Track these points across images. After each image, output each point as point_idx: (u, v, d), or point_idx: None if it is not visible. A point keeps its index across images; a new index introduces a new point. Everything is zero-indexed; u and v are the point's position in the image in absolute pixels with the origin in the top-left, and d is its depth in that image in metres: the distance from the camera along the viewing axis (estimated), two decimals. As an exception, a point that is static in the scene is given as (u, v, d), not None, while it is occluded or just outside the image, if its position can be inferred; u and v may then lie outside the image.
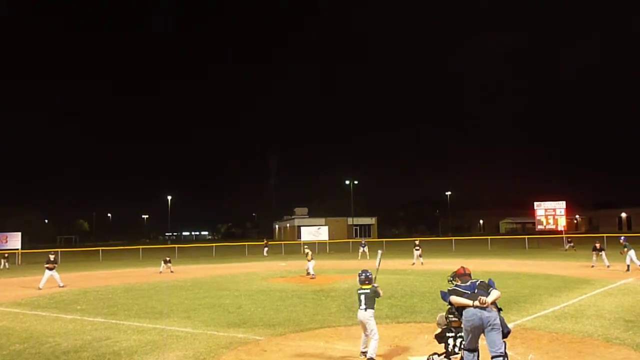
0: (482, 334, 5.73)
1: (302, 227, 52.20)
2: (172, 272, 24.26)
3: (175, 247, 45.11)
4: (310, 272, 20.09)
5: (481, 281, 6.01)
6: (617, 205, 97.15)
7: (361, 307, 7.39)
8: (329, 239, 49.19)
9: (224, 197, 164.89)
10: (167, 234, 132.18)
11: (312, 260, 20.50)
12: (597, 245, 22.38)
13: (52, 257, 19.02)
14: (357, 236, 78.08)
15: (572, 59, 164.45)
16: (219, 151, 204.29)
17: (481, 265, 23.70)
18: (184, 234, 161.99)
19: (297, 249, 42.91)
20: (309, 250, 21.61)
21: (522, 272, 20.70)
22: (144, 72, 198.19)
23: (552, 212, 43.80)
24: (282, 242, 53.16)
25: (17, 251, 37.39)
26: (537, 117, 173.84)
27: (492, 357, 5.61)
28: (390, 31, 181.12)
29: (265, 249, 40.66)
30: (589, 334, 8.94)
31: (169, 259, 25.33)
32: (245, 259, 37.13)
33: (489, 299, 5.71)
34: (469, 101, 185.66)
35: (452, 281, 6.36)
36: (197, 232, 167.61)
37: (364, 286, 7.52)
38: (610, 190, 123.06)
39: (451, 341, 6.32)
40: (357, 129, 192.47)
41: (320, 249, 42.95)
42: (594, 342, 8.33)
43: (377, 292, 7.49)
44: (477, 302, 5.68)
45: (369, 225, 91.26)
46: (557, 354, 7.63)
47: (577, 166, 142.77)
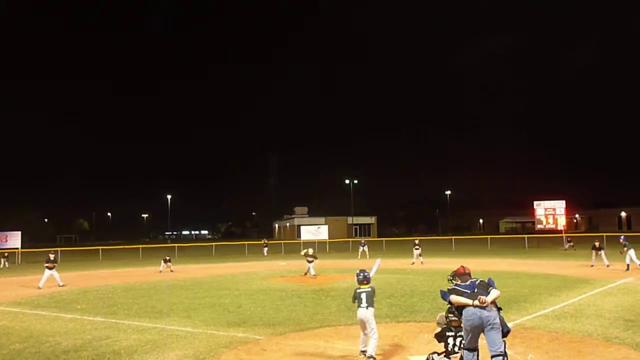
0: (481, 333, 5.73)
1: (301, 227, 52.23)
2: (172, 271, 24.28)
3: (175, 246, 45.11)
4: (311, 272, 20.05)
5: (481, 280, 6.01)
6: (616, 204, 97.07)
7: (362, 305, 7.41)
8: (329, 239, 49.21)
9: (224, 197, 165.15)
10: (167, 233, 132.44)
11: (313, 260, 20.43)
12: (597, 243, 22.35)
13: (52, 256, 19.03)
14: (357, 235, 78.06)
15: (572, 59, 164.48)
16: (219, 151, 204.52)
17: (481, 264, 23.71)
18: (184, 233, 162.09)
19: (297, 249, 42.89)
20: (312, 250, 21.62)
21: (521, 271, 20.71)
22: (144, 72, 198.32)
23: (551, 212, 43.80)
24: (282, 242, 53.17)
25: (17, 250, 37.43)
26: (537, 117, 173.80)
27: (492, 356, 5.62)
28: (390, 31, 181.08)
29: (264, 249, 40.67)
30: (589, 333, 8.94)
31: (168, 259, 25.34)
32: (245, 258, 37.15)
33: (489, 298, 5.71)
34: (469, 101, 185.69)
35: (451, 280, 6.37)
36: (197, 232, 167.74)
37: (362, 286, 7.56)
38: (610, 189, 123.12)
39: (451, 340, 6.32)
40: (357, 129, 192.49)
41: (320, 248, 42.93)
42: (593, 342, 8.34)
43: (374, 291, 7.60)
44: (476, 302, 5.68)
45: (369, 224, 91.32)
46: (556, 354, 7.63)
47: (577, 166, 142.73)
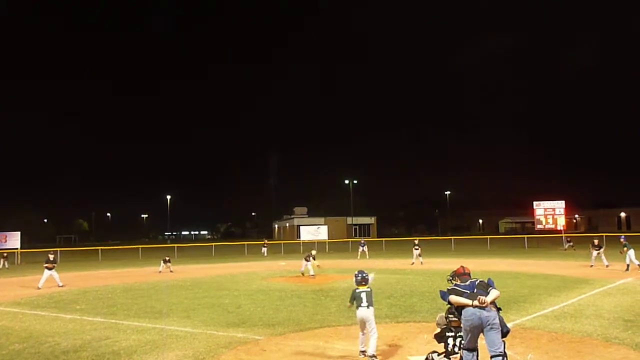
0: (481, 334, 5.73)
1: (301, 227, 52.33)
2: (171, 271, 24.27)
3: (174, 246, 45.07)
4: (310, 272, 20.05)
5: (480, 281, 6.01)
6: (616, 205, 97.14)
7: (363, 304, 7.43)
8: (329, 239, 49.22)
9: (224, 197, 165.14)
10: (166, 233, 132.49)
11: (311, 261, 20.43)
12: (596, 241, 22.26)
13: (52, 256, 19.02)
14: (356, 236, 78.06)
15: (572, 59, 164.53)
16: (219, 151, 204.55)
17: (480, 264, 23.70)
18: (184, 233, 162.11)
19: (296, 249, 42.92)
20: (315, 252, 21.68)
21: (521, 271, 20.71)
22: (144, 72, 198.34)
23: (551, 212, 43.85)
24: (282, 242, 53.17)
25: (16, 251, 37.42)
26: (537, 117, 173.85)
27: (492, 356, 5.62)
28: (390, 31, 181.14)
29: (263, 249, 40.63)
30: (588, 333, 8.95)
31: (168, 259, 25.33)
32: (244, 258, 37.13)
33: (488, 299, 5.71)
34: (469, 101, 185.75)
35: (451, 280, 6.37)
36: (197, 232, 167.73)
37: (361, 287, 7.57)
38: (609, 190, 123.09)
39: (451, 341, 6.32)
40: (357, 129, 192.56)
41: (319, 248, 42.92)
42: (593, 342, 8.34)
43: (372, 292, 7.67)
44: (476, 302, 5.68)
45: (369, 224, 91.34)
46: (556, 354, 7.64)
47: (577, 166, 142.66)
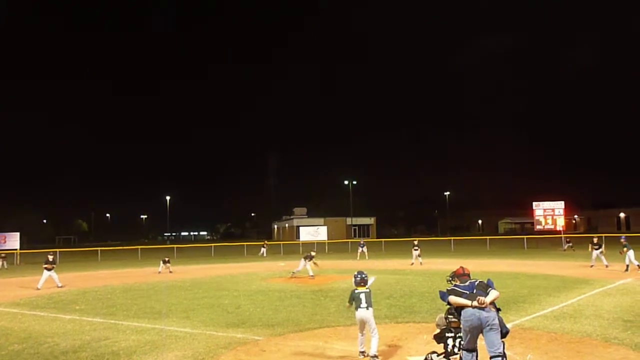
0: (480, 334, 5.74)
1: (300, 227, 52.22)
2: (171, 272, 24.25)
3: (174, 247, 45.04)
4: (309, 272, 20.04)
5: (480, 281, 6.01)
6: (616, 205, 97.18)
7: (362, 305, 7.43)
8: (328, 239, 49.20)
9: (224, 197, 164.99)
10: (165, 234, 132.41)
11: (309, 261, 20.42)
12: (595, 240, 22.22)
13: (51, 257, 19.02)
14: (356, 236, 78.11)
15: (572, 59, 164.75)
16: (219, 151, 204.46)
17: (480, 265, 23.71)
18: (183, 234, 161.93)
19: (296, 249, 42.90)
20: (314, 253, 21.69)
21: (520, 272, 20.71)
22: (144, 72, 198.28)
23: (550, 212, 43.80)
24: (281, 242, 53.15)
25: (15, 251, 37.37)
26: (537, 117, 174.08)
27: (491, 357, 5.62)
28: (390, 31, 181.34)
29: (263, 249, 40.58)
30: (588, 333, 8.95)
31: (167, 259, 25.32)
32: (244, 259, 37.12)
33: (488, 299, 5.72)
34: (469, 101, 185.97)
35: (451, 281, 6.37)
36: (196, 232, 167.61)
37: (359, 287, 7.57)
38: (609, 190, 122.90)
39: (450, 341, 6.32)
40: (357, 129, 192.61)
41: (319, 249, 42.92)
42: (592, 342, 8.34)
43: (371, 292, 7.69)
44: (475, 302, 5.69)
45: (368, 225, 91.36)
46: (555, 354, 7.64)
47: (577, 166, 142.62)
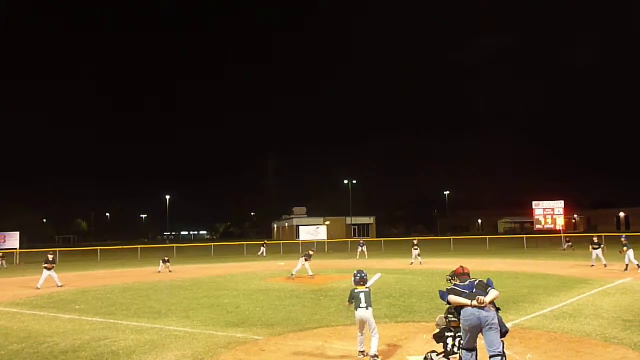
0: (480, 334, 5.74)
1: (300, 227, 52.22)
2: (170, 271, 24.26)
3: (173, 246, 45.10)
4: (309, 272, 20.04)
5: (480, 281, 6.01)
6: (615, 205, 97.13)
7: (362, 305, 7.43)
8: (328, 239, 49.21)
9: (223, 197, 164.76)
10: (165, 233, 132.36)
11: (308, 261, 20.41)
12: (595, 239, 22.20)
13: (51, 257, 19.01)
14: (355, 236, 78.08)
15: (572, 59, 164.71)
16: (219, 151, 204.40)
17: (480, 264, 23.72)
18: (183, 233, 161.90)
19: (296, 249, 42.92)
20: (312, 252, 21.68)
21: (520, 271, 20.73)
22: (144, 72, 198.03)
23: (550, 212, 43.82)
24: (281, 242, 53.15)
25: (15, 251, 37.38)
26: (537, 117, 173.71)
27: (491, 356, 5.62)
28: (390, 31, 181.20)
29: (262, 249, 40.56)
30: (588, 333, 8.95)
31: (167, 259, 25.34)
32: (243, 258, 37.13)
33: (487, 299, 5.72)
34: (469, 101, 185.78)
35: (450, 280, 6.37)
36: (196, 232, 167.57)
37: (359, 287, 7.57)
38: (609, 190, 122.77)
39: (450, 341, 6.31)
40: (357, 129, 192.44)
41: (319, 248, 42.95)
42: (592, 342, 8.34)
43: (371, 292, 7.69)
44: (475, 302, 5.69)
45: (368, 225, 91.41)
46: (555, 354, 7.64)
47: (577, 166, 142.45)
